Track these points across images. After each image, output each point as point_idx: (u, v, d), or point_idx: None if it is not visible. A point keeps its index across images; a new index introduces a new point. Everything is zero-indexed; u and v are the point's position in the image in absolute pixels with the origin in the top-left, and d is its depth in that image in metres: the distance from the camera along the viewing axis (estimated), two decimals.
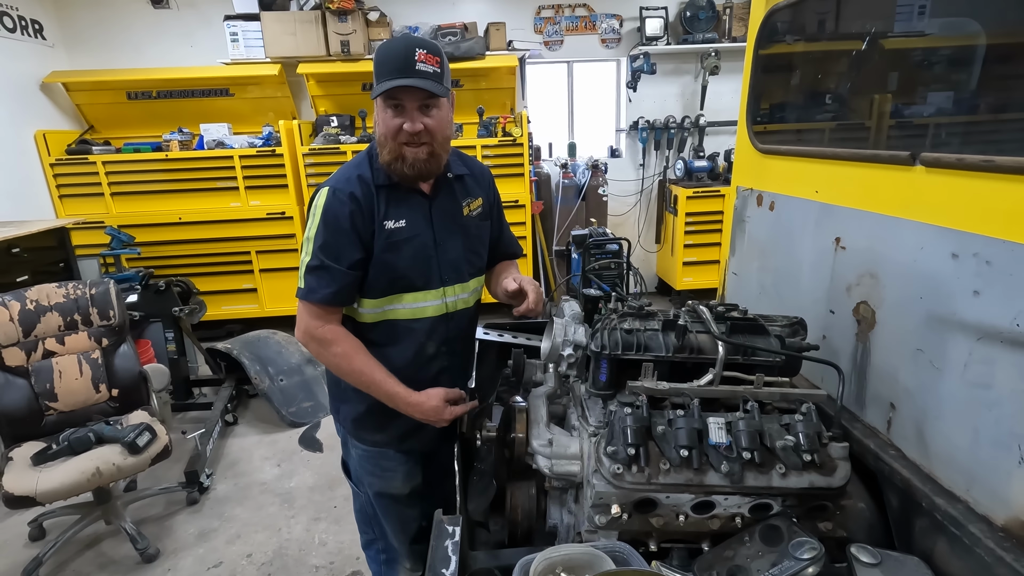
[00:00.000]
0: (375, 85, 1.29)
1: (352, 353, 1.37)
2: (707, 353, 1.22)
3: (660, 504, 1.11)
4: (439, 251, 1.43)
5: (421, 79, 1.25)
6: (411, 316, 1.43)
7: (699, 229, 5.01)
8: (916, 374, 1.16)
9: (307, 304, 1.36)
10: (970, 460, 1.03)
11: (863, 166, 1.33)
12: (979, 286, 1.00)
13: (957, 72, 1.44)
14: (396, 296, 1.41)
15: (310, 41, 4.59)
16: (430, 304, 1.44)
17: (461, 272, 1.48)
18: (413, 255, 1.39)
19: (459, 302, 1.49)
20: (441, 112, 1.33)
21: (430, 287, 1.43)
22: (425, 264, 1.41)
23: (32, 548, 2.53)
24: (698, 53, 5.19)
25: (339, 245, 1.33)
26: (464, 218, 1.48)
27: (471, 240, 1.50)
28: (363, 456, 1.58)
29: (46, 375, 2.49)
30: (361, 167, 1.38)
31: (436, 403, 1.40)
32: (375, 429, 1.52)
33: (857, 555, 1.04)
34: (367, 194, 1.34)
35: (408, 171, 1.33)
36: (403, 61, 1.25)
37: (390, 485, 1.57)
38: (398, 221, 1.37)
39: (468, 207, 1.49)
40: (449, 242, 1.44)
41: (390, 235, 1.36)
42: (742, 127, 1.89)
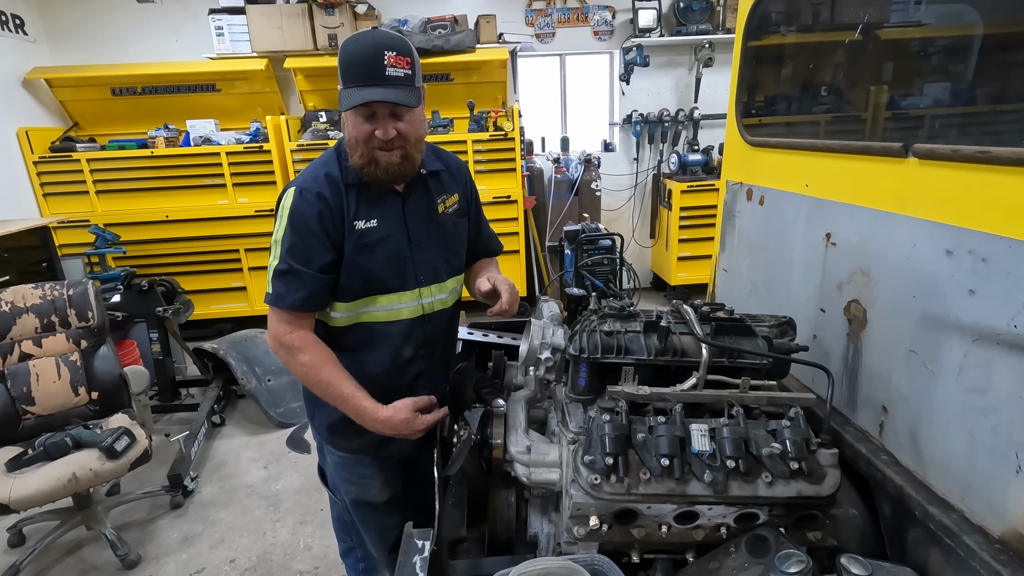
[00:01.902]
0: (342, 88, 1.23)
1: (320, 363, 1.30)
2: (691, 356, 1.16)
3: (641, 515, 1.06)
4: (414, 251, 1.37)
5: (392, 88, 1.20)
6: (386, 319, 1.38)
7: (694, 224, 4.96)
8: (909, 377, 1.11)
9: (276, 310, 1.30)
10: (966, 468, 0.98)
11: (854, 158, 1.27)
12: (975, 285, 0.95)
13: (953, 62, 1.39)
14: (370, 299, 1.35)
15: (297, 35, 4.51)
16: (406, 306, 1.38)
17: (438, 272, 1.42)
18: (387, 256, 1.34)
19: (436, 303, 1.43)
20: (414, 114, 1.28)
21: (405, 288, 1.37)
22: (399, 265, 1.36)
23: (11, 555, 2.48)
24: (692, 45, 5.12)
25: (308, 248, 1.27)
26: (440, 216, 1.42)
27: (447, 239, 1.44)
28: (339, 463, 1.53)
29: (23, 378, 2.43)
30: (329, 165, 1.32)
31: (406, 415, 1.32)
32: (350, 436, 1.45)
33: (847, 566, 0.99)
34: (336, 193, 1.29)
35: (382, 175, 1.28)
36: (370, 66, 1.18)
37: (367, 493, 1.53)
38: (369, 221, 1.31)
39: (444, 204, 1.43)
40: (424, 241, 1.39)
41: (361, 236, 1.31)
42: (731, 120, 1.83)
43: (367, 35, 1.22)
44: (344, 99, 1.21)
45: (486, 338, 1.89)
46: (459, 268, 1.51)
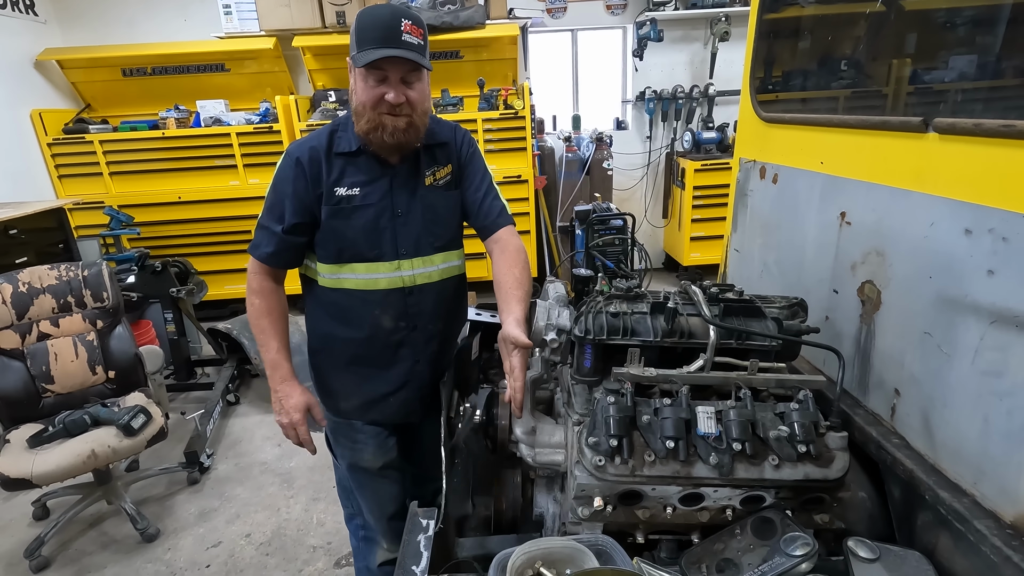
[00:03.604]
0: (356, 53, 1.26)
1: (264, 311, 1.41)
2: (698, 337, 1.15)
3: (646, 496, 1.06)
4: (398, 222, 1.39)
5: (408, 50, 1.23)
6: (364, 287, 1.41)
7: (707, 203, 4.88)
8: (923, 359, 1.08)
9: (251, 258, 1.42)
10: (979, 452, 0.96)
11: (871, 134, 1.23)
12: (994, 265, 0.91)
13: (979, 33, 1.32)
14: (347, 265, 1.39)
15: (304, 13, 4.45)
16: (383, 276, 1.41)
17: (421, 246, 1.42)
18: (364, 224, 1.37)
19: (419, 276, 1.43)
20: (422, 85, 1.32)
21: (383, 259, 1.40)
22: (377, 235, 1.38)
23: (35, 527, 2.56)
24: (707, 19, 4.98)
25: (280, 208, 1.36)
26: (425, 189, 1.42)
27: (432, 212, 1.43)
28: (334, 427, 1.58)
29: (42, 357, 2.48)
30: (321, 137, 1.37)
31: (296, 401, 1.43)
32: (339, 397, 1.52)
33: (854, 549, 0.99)
34: (314, 159, 1.34)
35: (389, 139, 1.30)
36: (389, 30, 1.22)
37: (360, 458, 1.56)
38: (352, 188, 1.36)
39: (434, 176, 1.44)
40: (409, 215, 1.41)
41: (339, 201, 1.35)
42: (745, 95, 1.78)
43: (385, 5, 1.28)
44: (360, 59, 1.24)
45: (494, 319, 1.89)
46: (449, 242, 1.48)
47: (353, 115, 1.33)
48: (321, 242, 1.39)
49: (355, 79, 1.30)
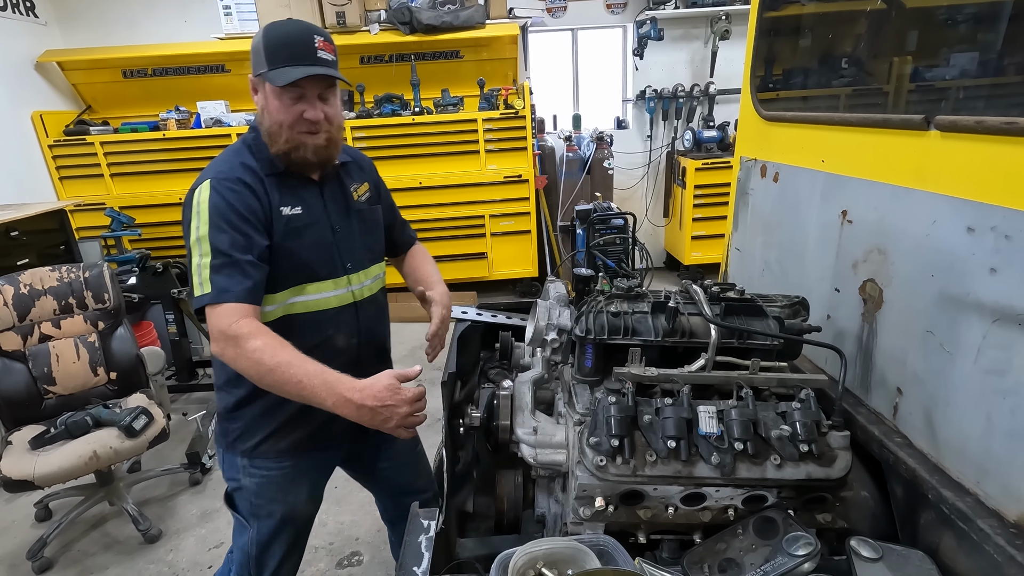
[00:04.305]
0: (267, 71, 1.20)
1: (277, 344, 1.16)
2: (700, 337, 1.14)
3: (647, 496, 1.05)
4: (338, 238, 1.37)
5: (326, 67, 1.22)
6: (315, 308, 1.35)
7: (708, 202, 4.88)
8: (925, 358, 1.08)
9: (220, 307, 1.16)
10: (982, 451, 0.96)
11: (872, 132, 1.23)
12: (997, 263, 0.91)
13: (981, 30, 1.32)
14: (299, 288, 1.32)
15: (304, 13, 4.44)
16: (334, 294, 1.37)
17: (362, 259, 1.42)
18: (314, 242, 1.32)
19: (364, 290, 1.43)
20: (337, 100, 1.31)
21: (334, 276, 1.36)
22: (326, 252, 1.35)
23: (38, 529, 2.57)
24: (708, 17, 4.98)
25: (243, 235, 1.19)
26: (356, 203, 1.43)
27: (367, 225, 1.45)
28: (263, 483, 1.41)
29: (44, 359, 2.49)
30: (241, 155, 1.28)
31: (388, 381, 1.15)
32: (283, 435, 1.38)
33: (857, 549, 0.99)
34: (256, 180, 1.25)
35: (311, 157, 1.27)
36: (303, 47, 1.19)
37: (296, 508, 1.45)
38: (295, 207, 1.29)
39: (356, 192, 1.44)
40: (347, 229, 1.39)
41: (289, 221, 1.28)
42: (746, 93, 1.78)
43: (293, 22, 1.24)
44: (278, 77, 1.18)
45: (494, 319, 1.88)
46: (380, 254, 1.52)
47: (266, 136, 1.27)
48: (273, 267, 1.26)
49: (265, 98, 1.24)
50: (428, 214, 4.72)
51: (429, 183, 4.65)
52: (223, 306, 1.16)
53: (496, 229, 4.83)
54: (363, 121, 4.51)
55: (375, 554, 2.35)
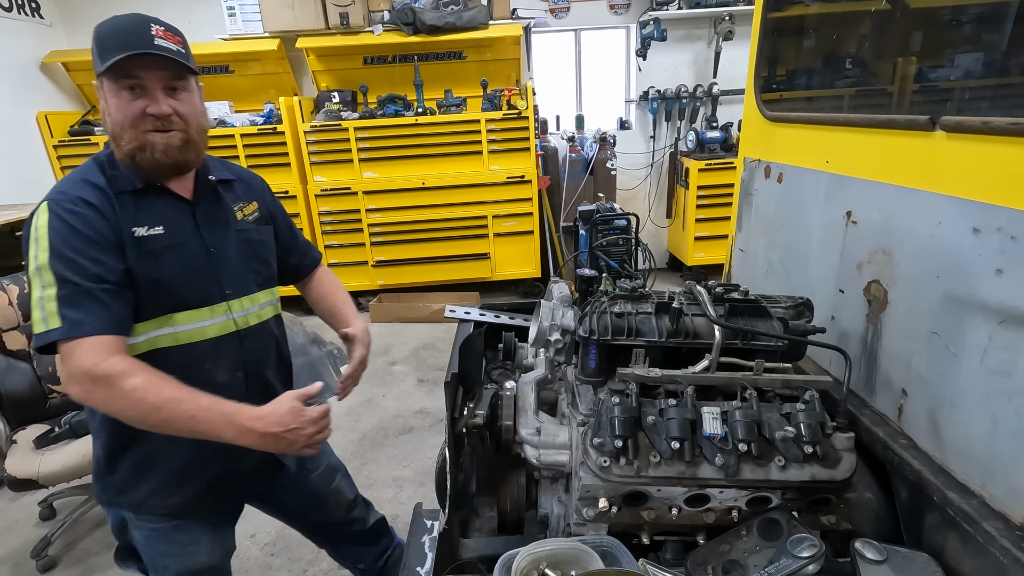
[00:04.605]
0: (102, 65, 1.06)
1: (159, 381, 1.05)
2: (703, 338, 1.14)
3: (651, 497, 1.05)
4: (214, 260, 1.23)
5: (163, 51, 1.07)
6: (188, 340, 1.19)
7: (711, 203, 4.87)
8: (930, 359, 1.07)
9: (79, 343, 1.02)
10: (987, 453, 0.96)
11: (877, 133, 1.22)
12: (1003, 264, 0.91)
13: (986, 31, 1.32)
14: (166, 318, 1.16)
15: (308, 14, 4.46)
16: (211, 323, 1.22)
17: (247, 283, 1.29)
18: (180, 266, 1.17)
19: (251, 317, 1.30)
20: (192, 97, 1.16)
21: (210, 303, 1.22)
22: (198, 276, 1.20)
23: (42, 527, 2.57)
24: (711, 18, 4.97)
25: (94, 260, 1.05)
26: (240, 223, 1.30)
27: (254, 247, 1.32)
28: (152, 536, 1.30)
29: (48, 359, 2.49)
30: (89, 173, 1.14)
31: (290, 404, 1.11)
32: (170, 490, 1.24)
33: (862, 551, 0.98)
34: (103, 199, 1.10)
35: (161, 158, 1.12)
36: (136, 35, 1.06)
37: (193, 560, 1.32)
38: (153, 227, 1.14)
39: (242, 212, 1.32)
40: (227, 251, 1.25)
41: (143, 243, 1.12)
42: (750, 94, 1.78)
43: (128, 14, 1.11)
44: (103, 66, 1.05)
45: (497, 319, 1.89)
46: (271, 279, 1.39)
47: (112, 143, 1.13)
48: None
49: (106, 98, 1.09)
50: (431, 214, 4.73)
51: (432, 184, 4.66)
52: (82, 342, 1.02)
53: (499, 230, 4.83)
54: (366, 122, 4.52)
55: None
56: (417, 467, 2.90)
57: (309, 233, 4.70)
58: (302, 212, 4.66)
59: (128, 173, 1.14)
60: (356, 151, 4.55)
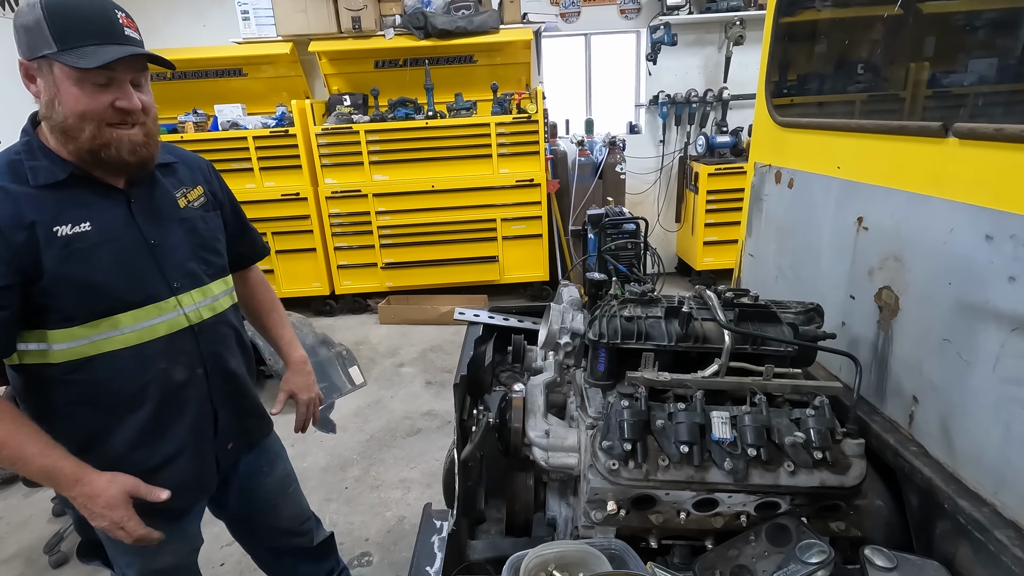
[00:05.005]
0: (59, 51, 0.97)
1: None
2: (713, 342, 1.14)
3: (659, 501, 1.06)
4: (158, 253, 1.15)
5: (139, 47, 1.04)
6: (137, 340, 1.12)
7: (721, 208, 4.85)
8: (942, 366, 1.07)
9: None
10: (999, 460, 0.95)
11: (889, 139, 1.22)
12: (1016, 271, 0.90)
13: (1000, 36, 1.31)
14: (106, 320, 1.08)
15: (321, 18, 4.51)
16: (160, 320, 1.15)
17: (196, 275, 1.22)
18: (113, 264, 1.09)
19: (204, 310, 1.23)
20: (149, 88, 1.11)
21: (157, 299, 1.14)
22: (137, 273, 1.12)
23: (55, 523, 2.60)
24: (722, 22, 4.96)
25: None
26: (184, 211, 1.22)
27: (200, 236, 1.24)
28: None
29: None
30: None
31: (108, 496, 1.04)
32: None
33: (871, 558, 0.98)
34: (11, 198, 1.01)
35: (128, 157, 1.06)
36: (107, 22, 1.00)
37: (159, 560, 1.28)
38: (78, 225, 1.05)
39: (185, 198, 1.23)
40: (170, 241, 1.17)
41: (68, 243, 1.04)
42: (761, 99, 1.78)
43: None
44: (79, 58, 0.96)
45: (506, 322, 1.89)
46: (223, 269, 1.31)
47: (57, 134, 1.03)
48: (55, 302, 1.04)
49: (55, 85, 0.99)
50: (440, 217, 4.75)
51: (442, 186, 4.68)
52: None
53: (507, 233, 4.84)
54: (377, 125, 4.55)
55: (384, 555, 2.36)
56: (424, 468, 2.91)
57: (319, 235, 4.73)
58: (312, 214, 4.70)
59: (48, 164, 1.04)
60: (367, 154, 4.58)
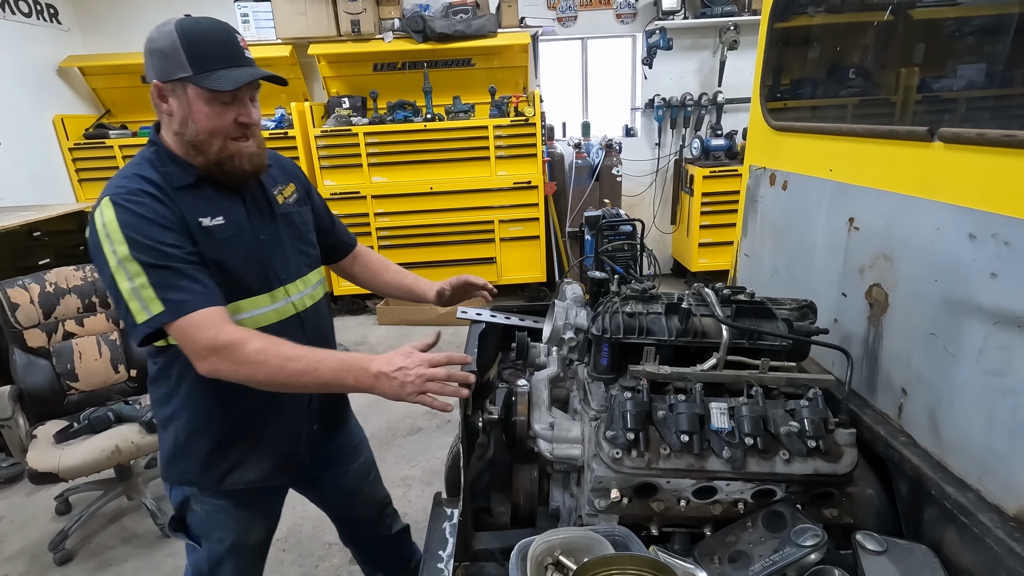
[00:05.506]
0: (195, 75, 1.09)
1: (276, 340, 1.10)
2: (711, 337, 1.19)
3: (661, 489, 1.10)
4: (266, 248, 1.26)
5: (257, 68, 1.16)
6: (253, 326, 1.21)
7: (716, 210, 4.92)
8: (929, 359, 1.12)
9: (190, 319, 1.06)
10: (983, 448, 1.00)
11: (879, 143, 1.28)
12: (997, 268, 0.96)
13: (988, 42, 1.36)
14: (232, 305, 1.19)
15: (320, 21, 4.55)
16: (272, 308, 1.27)
17: (298, 267, 1.33)
18: (241, 254, 1.21)
19: (306, 299, 1.34)
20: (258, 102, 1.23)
21: (268, 289, 1.26)
22: (258, 265, 1.24)
23: (58, 522, 2.63)
24: (717, 27, 5.04)
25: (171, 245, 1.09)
26: (282, 207, 1.33)
27: (297, 229, 1.35)
28: (214, 511, 1.35)
29: (67, 356, 2.55)
30: (141, 169, 1.15)
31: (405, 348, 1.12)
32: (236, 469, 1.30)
33: (862, 542, 1.03)
34: (163, 193, 1.13)
35: (248, 167, 1.19)
36: (233, 47, 1.13)
37: (248, 536, 1.40)
38: (215, 218, 1.17)
39: (281, 195, 1.34)
40: (274, 237, 1.29)
41: (211, 232, 1.16)
42: (755, 103, 1.83)
43: (211, 20, 1.15)
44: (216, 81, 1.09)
45: (508, 320, 1.94)
46: (317, 260, 1.42)
47: (188, 148, 1.15)
48: None
49: (188, 104, 1.11)
50: (439, 219, 4.79)
51: (440, 188, 4.72)
52: (193, 317, 1.06)
53: (505, 234, 4.89)
54: (376, 127, 4.59)
55: None
56: (425, 467, 2.95)
57: None
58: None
59: (178, 169, 1.16)
60: (365, 156, 4.62)
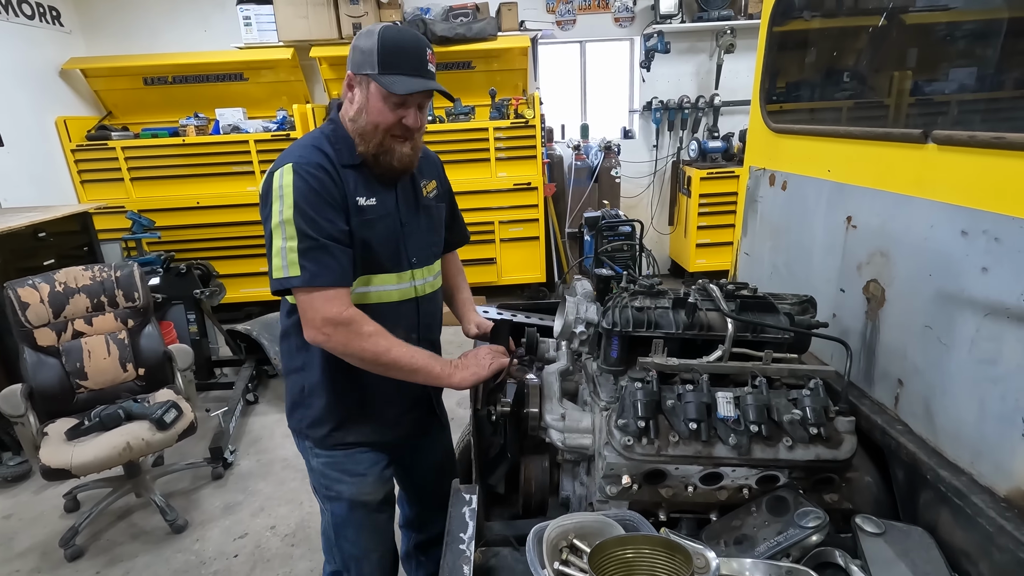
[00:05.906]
0: (379, 73, 1.23)
1: (383, 329, 1.26)
2: (717, 330, 1.24)
3: (669, 475, 1.15)
4: (405, 232, 1.40)
5: (434, 81, 1.29)
6: (377, 300, 1.37)
7: (713, 211, 4.99)
8: (924, 351, 1.17)
9: (316, 291, 1.21)
10: (975, 434, 1.05)
11: (875, 144, 1.33)
12: (988, 263, 1.01)
13: (979, 47, 1.42)
14: (366, 278, 1.35)
15: (322, 24, 4.59)
16: (396, 288, 1.40)
17: (427, 254, 1.46)
18: (385, 235, 1.35)
19: (427, 286, 1.47)
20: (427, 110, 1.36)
21: (398, 269, 1.39)
22: (394, 246, 1.38)
23: (68, 519, 2.65)
24: (713, 31, 5.11)
25: (327, 219, 1.23)
26: (425, 200, 1.46)
27: (433, 221, 1.49)
28: (328, 463, 1.47)
29: (76, 354, 2.58)
30: (319, 143, 1.30)
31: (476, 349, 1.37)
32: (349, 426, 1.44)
33: (862, 525, 1.08)
34: (334, 169, 1.27)
35: (396, 164, 1.32)
36: (420, 61, 1.25)
37: (363, 491, 1.49)
38: (369, 199, 1.32)
39: (426, 189, 1.47)
40: (413, 224, 1.42)
41: (363, 212, 1.31)
42: (755, 106, 1.88)
43: (409, 31, 1.28)
44: (398, 84, 1.22)
45: (515, 318, 1.98)
46: (440, 251, 1.56)
47: (356, 133, 1.30)
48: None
49: (367, 98, 1.26)
50: None
51: None
52: (325, 291, 1.21)
53: (505, 235, 4.94)
54: None
55: None
56: None
57: None
58: None
59: (348, 149, 1.30)
60: None
